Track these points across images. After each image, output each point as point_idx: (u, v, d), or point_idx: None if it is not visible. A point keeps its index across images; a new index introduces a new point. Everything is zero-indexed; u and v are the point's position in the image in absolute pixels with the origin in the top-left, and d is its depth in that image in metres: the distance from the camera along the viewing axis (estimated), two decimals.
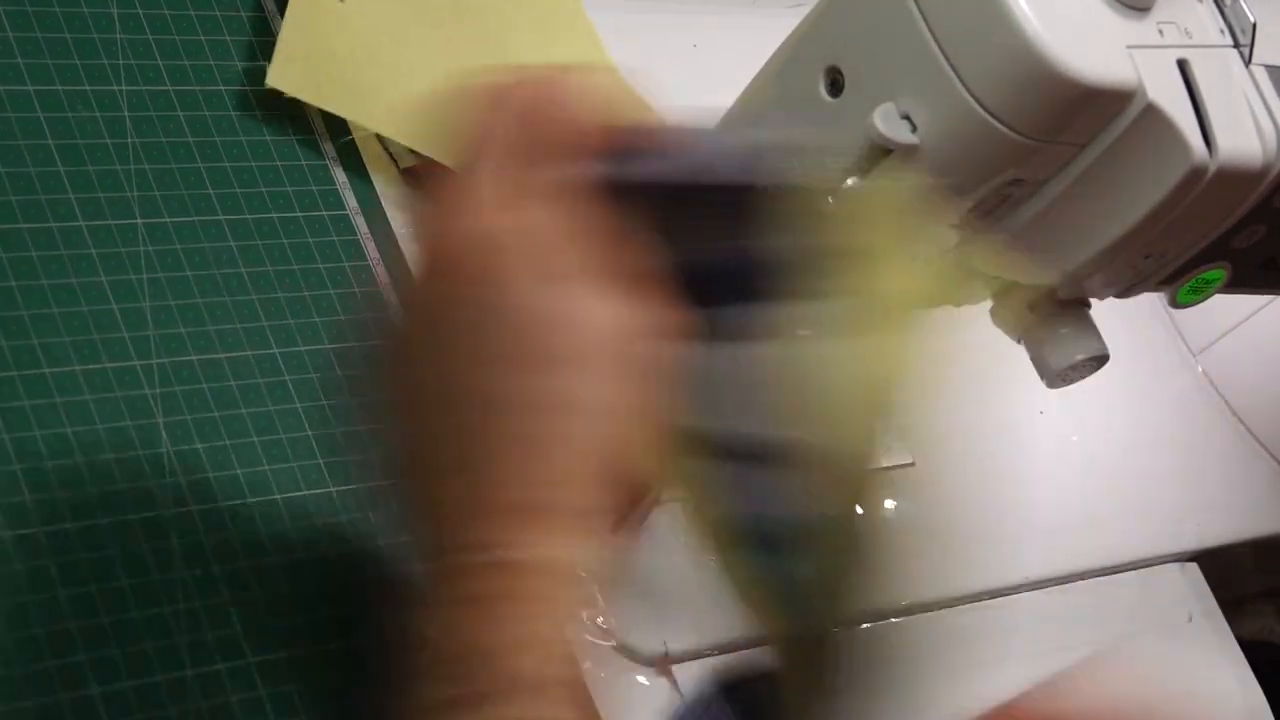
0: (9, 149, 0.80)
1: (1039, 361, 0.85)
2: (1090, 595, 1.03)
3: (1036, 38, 0.71)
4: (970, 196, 0.76)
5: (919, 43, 0.73)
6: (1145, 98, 0.73)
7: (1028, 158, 0.74)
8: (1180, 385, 1.17)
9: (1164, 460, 1.12)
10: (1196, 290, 0.83)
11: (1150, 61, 0.74)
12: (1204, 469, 1.13)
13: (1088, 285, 0.82)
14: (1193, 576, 1.07)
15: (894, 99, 0.74)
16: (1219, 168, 0.75)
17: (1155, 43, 0.75)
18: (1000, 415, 1.06)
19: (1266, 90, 0.77)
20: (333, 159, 0.90)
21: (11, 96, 0.81)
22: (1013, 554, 1.01)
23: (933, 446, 1.02)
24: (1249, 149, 0.76)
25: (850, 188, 0.72)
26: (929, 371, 0.69)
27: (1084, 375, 0.86)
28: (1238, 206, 0.78)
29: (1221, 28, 0.78)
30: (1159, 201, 0.75)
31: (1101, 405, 1.11)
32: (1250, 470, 1.15)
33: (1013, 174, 0.75)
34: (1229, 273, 0.83)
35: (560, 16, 0.91)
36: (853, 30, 0.76)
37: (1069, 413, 1.09)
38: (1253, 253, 0.82)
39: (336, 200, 0.89)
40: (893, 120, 0.74)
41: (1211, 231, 0.79)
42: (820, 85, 0.77)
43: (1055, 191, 0.76)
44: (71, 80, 0.83)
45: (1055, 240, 0.78)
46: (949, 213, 0.77)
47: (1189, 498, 1.11)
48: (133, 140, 0.83)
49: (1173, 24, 0.76)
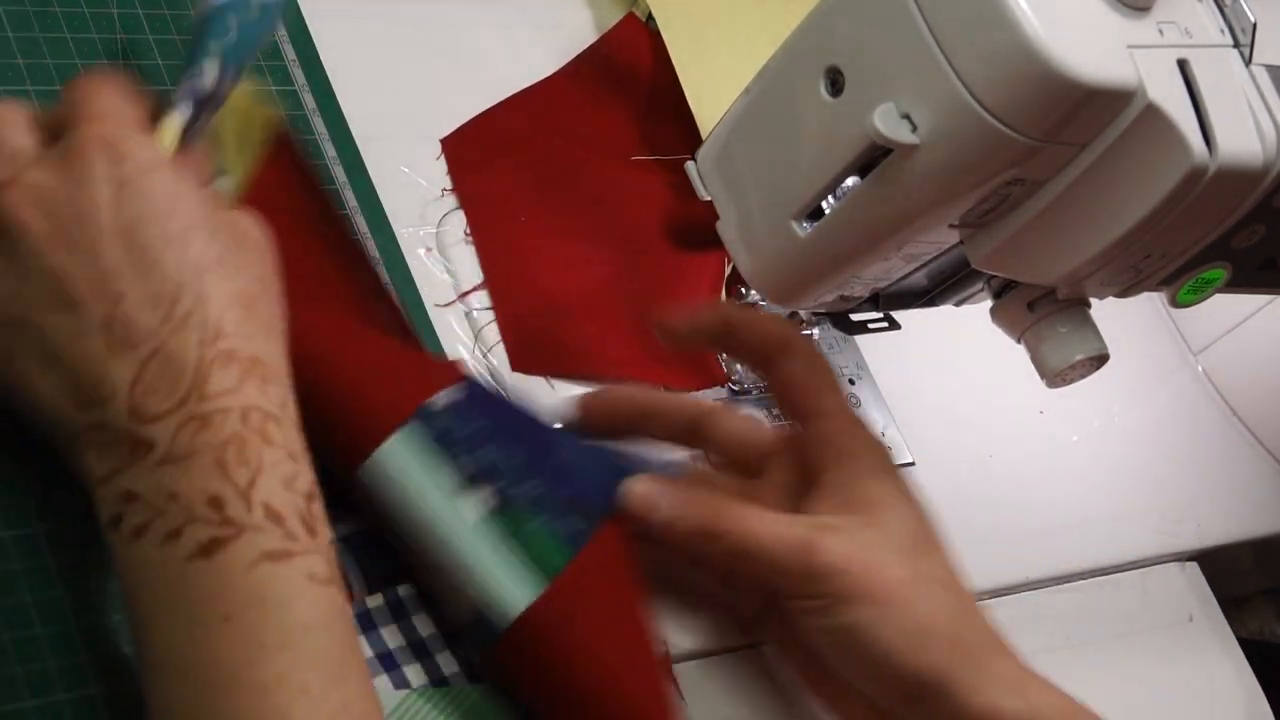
0: None
1: (1039, 361, 0.85)
2: (1090, 595, 1.03)
3: (1036, 38, 0.71)
4: (970, 196, 0.76)
5: (919, 43, 0.73)
6: (1145, 98, 0.74)
7: (1028, 158, 0.74)
8: (1180, 385, 1.17)
9: (1164, 460, 1.12)
10: (1196, 290, 0.83)
11: (1150, 61, 0.74)
12: (1204, 469, 1.13)
13: (1088, 285, 0.82)
14: (1193, 576, 1.08)
15: (894, 99, 0.74)
16: (1219, 168, 0.75)
17: (1155, 43, 0.75)
18: (1000, 415, 1.06)
19: (1266, 90, 0.77)
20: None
21: (12, 96, 0.81)
22: (1013, 554, 1.01)
23: (933, 446, 1.02)
24: (1249, 149, 0.76)
25: None
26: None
27: (1084, 375, 0.86)
28: (1238, 206, 0.78)
29: (1221, 27, 0.78)
30: (1159, 201, 0.75)
31: (1101, 405, 1.11)
32: (1250, 470, 1.15)
33: (1013, 174, 0.75)
34: (1229, 273, 0.83)
35: None
36: (853, 30, 0.76)
37: (1069, 413, 1.09)
38: (1253, 253, 0.82)
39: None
40: (893, 120, 0.74)
41: (1211, 231, 0.79)
42: (820, 85, 0.77)
43: (1055, 191, 0.76)
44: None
45: (1055, 240, 0.78)
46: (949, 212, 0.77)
47: (1189, 498, 1.11)
48: None
49: (1173, 24, 0.76)
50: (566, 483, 0.80)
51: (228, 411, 0.68)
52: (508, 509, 0.78)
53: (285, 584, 0.66)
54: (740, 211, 0.83)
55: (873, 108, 0.74)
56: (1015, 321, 0.85)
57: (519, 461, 0.79)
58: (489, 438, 0.79)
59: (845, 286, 0.85)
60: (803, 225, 0.80)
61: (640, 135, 1.02)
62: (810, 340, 0.86)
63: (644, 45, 1.04)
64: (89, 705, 0.71)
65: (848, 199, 0.78)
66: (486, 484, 0.78)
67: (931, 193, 0.76)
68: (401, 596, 0.79)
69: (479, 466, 0.78)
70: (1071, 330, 0.84)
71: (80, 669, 0.71)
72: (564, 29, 1.04)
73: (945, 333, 1.03)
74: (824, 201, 0.79)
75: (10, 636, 0.71)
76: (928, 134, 0.74)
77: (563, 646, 0.77)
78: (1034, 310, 0.84)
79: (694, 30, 1.04)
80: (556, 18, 1.05)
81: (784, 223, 0.80)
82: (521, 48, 1.02)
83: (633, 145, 1.02)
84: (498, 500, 0.78)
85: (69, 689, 0.71)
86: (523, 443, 0.80)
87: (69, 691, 0.71)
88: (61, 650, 0.71)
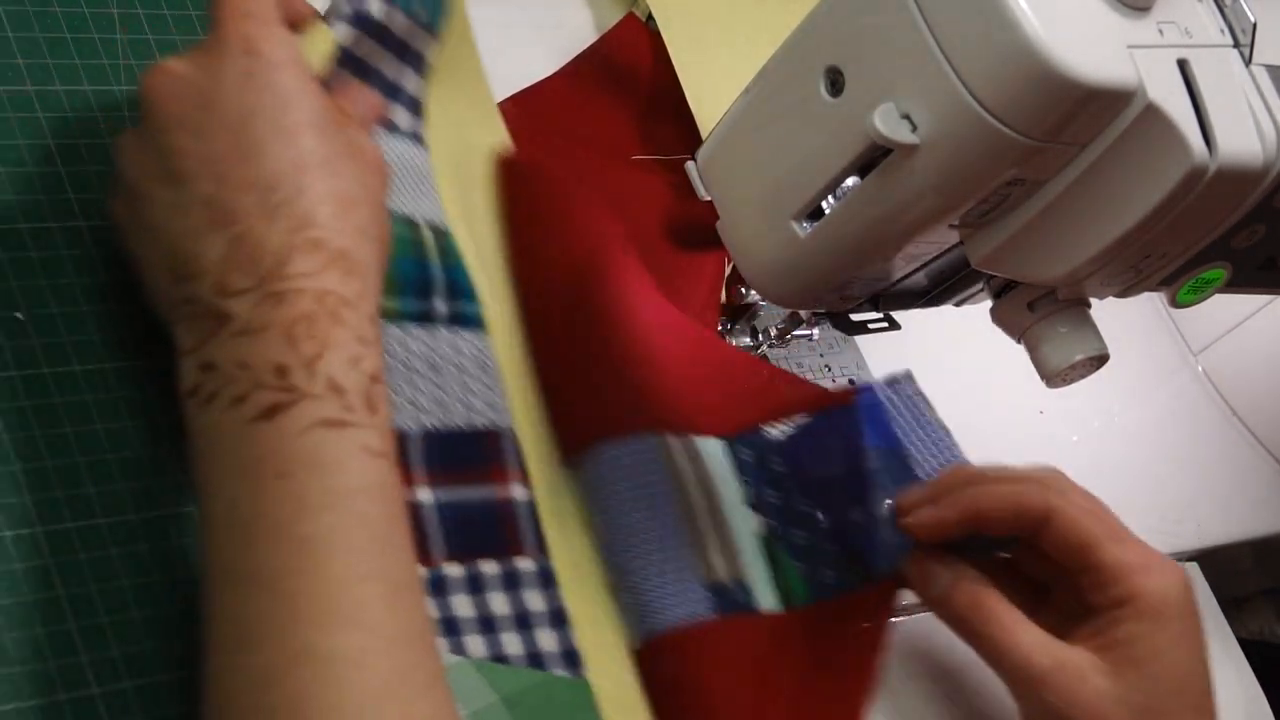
0: (9, 149, 0.80)
1: (1039, 362, 0.85)
2: None
3: (1036, 38, 0.71)
4: (970, 196, 0.76)
5: (919, 43, 0.73)
6: (1145, 98, 0.73)
7: (1028, 158, 0.74)
8: (1180, 385, 1.17)
9: (1164, 460, 1.12)
10: (1196, 290, 0.83)
11: (1150, 61, 0.74)
12: (1204, 469, 1.14)
13: (1088, 285, 0.82)
14: (1193, 576, 1.08)
15: (894, 99, 0.74)
16: (1219, 168, 0.75)
17: (1155, 43, 0.75)
18: (1000, 415, 1.06)
19: (1266, 90, 0.77)
20: None
21: (11, 97, 0.81)
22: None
23: None
24: (1249, 149, 0.76)
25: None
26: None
27: (1084, 375, 0.85)
28: (1238, 206, 0.78)
29: (1221, 27, 0.78)
30: (1159, 201, 0.75)
31: (1101, 405, 1.11)
32: (1250, 470, 1.15)
33: (1013, 174, 0.75)
34: (1229, 273, 0.83)
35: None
36: (853, 30, 0.76)
37: (1069, 413, 1.09)
38: (1253, 253, 0.82)
39: None
40: (893, 120, 0.74)
41: (1211, 231, 0.79)
42: (820, 85, 0.77)
43: (1055, 191, 0.76)
44: (71, 80, 0.83)
45: (1055, 240, 0.78)
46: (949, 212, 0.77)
47: (1189, 498, 1.11)
48: None
49: (1173, 24, 0.76)
50: (840, 539, 0.86)
51: (303, 292, 0.72)
52: (775, 542, 0.87)
53: (337, 449, 0.70)
54: (740, 211, 0.83)
55: (873, 108, 0.74)
56: (1015, 321, 0.85)
57: (796, 511, 0.87)
58: (774, 483, 0.87)
59: (845, 286, 0.85)
60: (803, 225, 0.80)
61: (640, 135, 1.02)
62: (1067, 486, 0.86)
63: (644, 45, 1.04)
64: (89, 705, 0.71)
65: (848, 199, 0.78)
66: (763, 514, 0.87)
67: (931, 193, 0.76)
68: (483, 572, 0.80)
69: (760, 499, 0.87)
70: (1071, 330, 0.84)
71: (80, 669, 0.71)
72: (564, 29, 1.04)
73: (945, 333, 1.03)
74: (824, 201, 0.79)
75: (11, 636, 0.71)
76: (928, 134, 0.74)
77: (767, 669, 0.84)
78: (1034, 310, 0.84)
79: (694, 30, 1.04)
80: (556, 18, 1.05)
81: (784, 223, 0.80)
82: (521, 48, 1.02)
83: (633, 146, 1.02)
84: (768, 530, 0.87)
85: (69, 689, 0.71)
86: (819, 491, 0.86)
87: (69, 691, 0.71)
88: (62, 650, 0.71)
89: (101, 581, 0.73)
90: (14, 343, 0.76)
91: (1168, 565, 0.84)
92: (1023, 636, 0.83)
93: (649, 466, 0.85)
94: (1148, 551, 0.85)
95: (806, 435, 0.88)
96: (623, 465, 0.85)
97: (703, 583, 0.85)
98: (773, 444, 0.88)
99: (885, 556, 0.85)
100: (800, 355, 1.03)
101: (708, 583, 0.85)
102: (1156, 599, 0.83)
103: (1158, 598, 0.83)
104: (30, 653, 0.71)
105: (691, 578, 0.85)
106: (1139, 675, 0.82)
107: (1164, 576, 0.83)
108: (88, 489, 0.75)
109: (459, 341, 0.83)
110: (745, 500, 0.87)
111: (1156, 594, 0.83)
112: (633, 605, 0.84)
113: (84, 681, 0.71)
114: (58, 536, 0.73)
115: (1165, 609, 0.83)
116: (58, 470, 0.74)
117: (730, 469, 0.87)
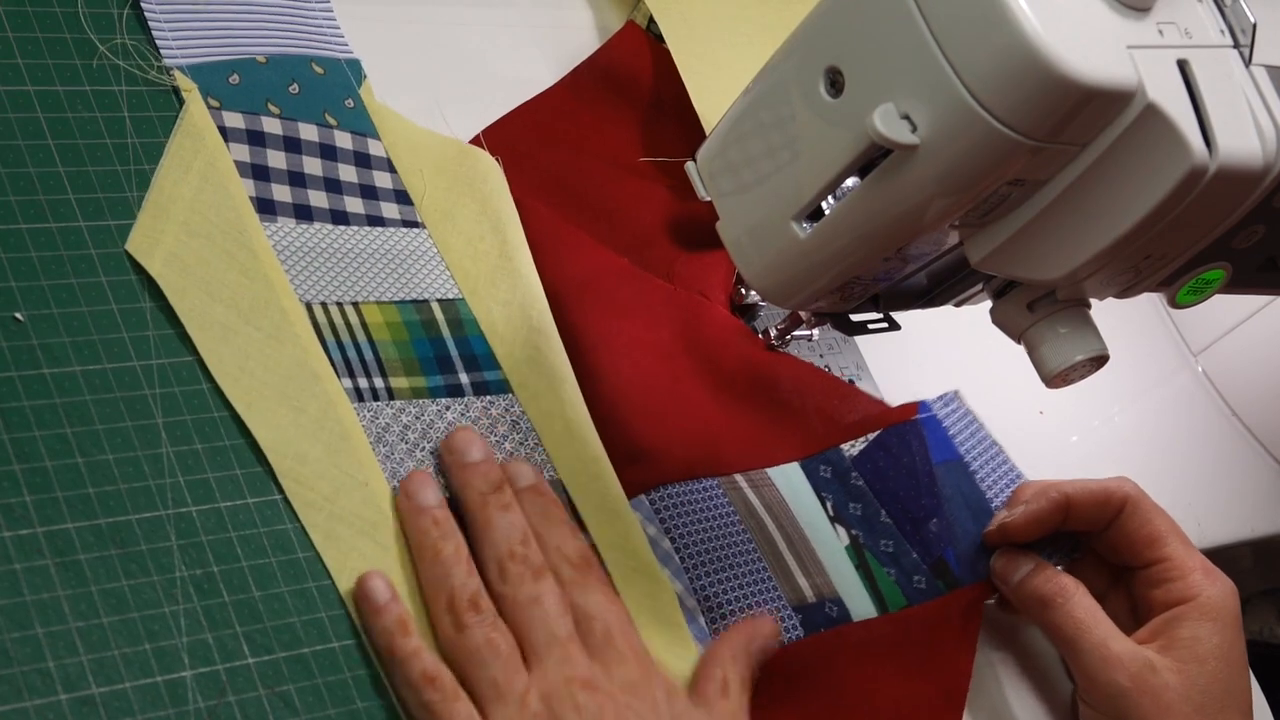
0: (9, 149, 0.80)
1: (1039, 362, 0.85)
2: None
3: (1036, 38, 0.71)
4: (970, 197, 0.76)
5: (919, 43, 0.73)
6: (1145, 98, 0.73)
7: (1028, 158, 0.74)
8: (1180, 385, 1.17)
9: (1164, 460, 1.12)
10: (1196, 290, 0.83)
11: (1150, 61, 0.74)
12: (1204, 469, 1.14)
13: (1088, 285, 0.82)
14: None
15: (894, 99, 0.74)
16: (1219, 168, 0.75)
17: (1155, 43, 0.75)
18: (1000, 416, 1.06)
19: (1266, 90, 0.77)
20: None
21: (11, 96, 0.81)
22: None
23: None
24: (1249, 149, 0.76)
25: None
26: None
27: (1084, 375, 0.85)
28: (1238, 206, 0.78)
29: (1221, 28, 0.78)
30: (1159, 201, 0.75)
31: (1101, 405, 1.11)
32: (1250, 470, 1.15)
33: (1013, 174, 0.75)
34: (1229, 273, 0.83)
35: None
36: (853, 30, 0.76)
37: (1069, 413, 1.09)
38: (1253, 253, 0.82)
39: None
40: (893, 120, 0.74)
41: (1211, 231, 0.79)
42: (820, 85, 0.77)
43: (1055, 191, 0.76)
44: (71, 80, 0.83)
45: (1055, 240, 0.78)
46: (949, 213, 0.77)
47: (1189, 498, 1.11)
48: (133, 140, 0.83)
49: (1173, 24, 0.76)
50: (923, 546, 0.92)
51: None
52: (864, 552, 0.91)
53: None
54: (740, 212, 0.83)
55: (873, 108, 0.74)
56: (1015, 322, 0.85)
57: (878, 522, 0.92)
58: (856, 496, 0.92)
59: (845, 287, 0.85)
60: (803, 225, 0.80)
61: (645, 143, 1.02)
62: (1137, 490, 0.93)
63: (644, 52, 1.04)
64: (89, 705, 0.71)
65: (848, 199, 0.78)
66: (846, 526, 0.92)
67: (931, 193, 0.76)
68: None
69: (843, 512, 0.92)
70: (1071, 331, 0.84)
71: (81, 669, 0.71)
72: (563, 30, 1.04)
73: (945, 333, 1.03)
74: (824, 202, 0.79)
75: (11, 636, 0.71)
76: (928, 134, 0.74)
77: (868, 671, 0.87)
78: (1034, 311, 0.84)
79: (696, 31, 1.04)
80: (556, 19, 1.05)
81: (784, 223, 0.80)
82: (521, 49, 1.02)
83: (637, 152, 1.02)
84: (852, 540, 0.92)
85: (70, 689, 0.71)
86: (896, 503, 0.93)
87: (70, 691, 0.71)
88: (62, 650, 0.71)
89: (102, 582, 0.73)
90: (14, 343, 0.76)
91: (1222, 574, 0.91)
92: (1102, 622, 0.88)
93: (716, 502, 0.88)
94: (1205, 559, 0.91)
95: (878, 449, 0.93)
96: (689, 502, 0.88)
97: (791, 606, 0.88)
98: (848, 459, 0.93)
99: (967, 564, 0.90)
100: (800, 355, 1.03)
101: (794, 604, 0.88)
102: (1217, 603, 0.89)
103: (1218, 602, 0.89)
104: (30, 653, 0.71)
105: (777, 604, 0.87)
106: (1200, 673, 0.87)
107: (1224, 583, 0.90)
108: (88, 489, 0.75)
109: (491, 409, 0.87)
110: (828, 515, 0.91)
111: (1217, 598, 0.89)
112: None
113: (84, 681, 0.71)
114: (58, 536, 0.73)
115: (1224, 614, 0.89)
116: (58, 470, 0.75)
117: (808, 488, 0.91)
